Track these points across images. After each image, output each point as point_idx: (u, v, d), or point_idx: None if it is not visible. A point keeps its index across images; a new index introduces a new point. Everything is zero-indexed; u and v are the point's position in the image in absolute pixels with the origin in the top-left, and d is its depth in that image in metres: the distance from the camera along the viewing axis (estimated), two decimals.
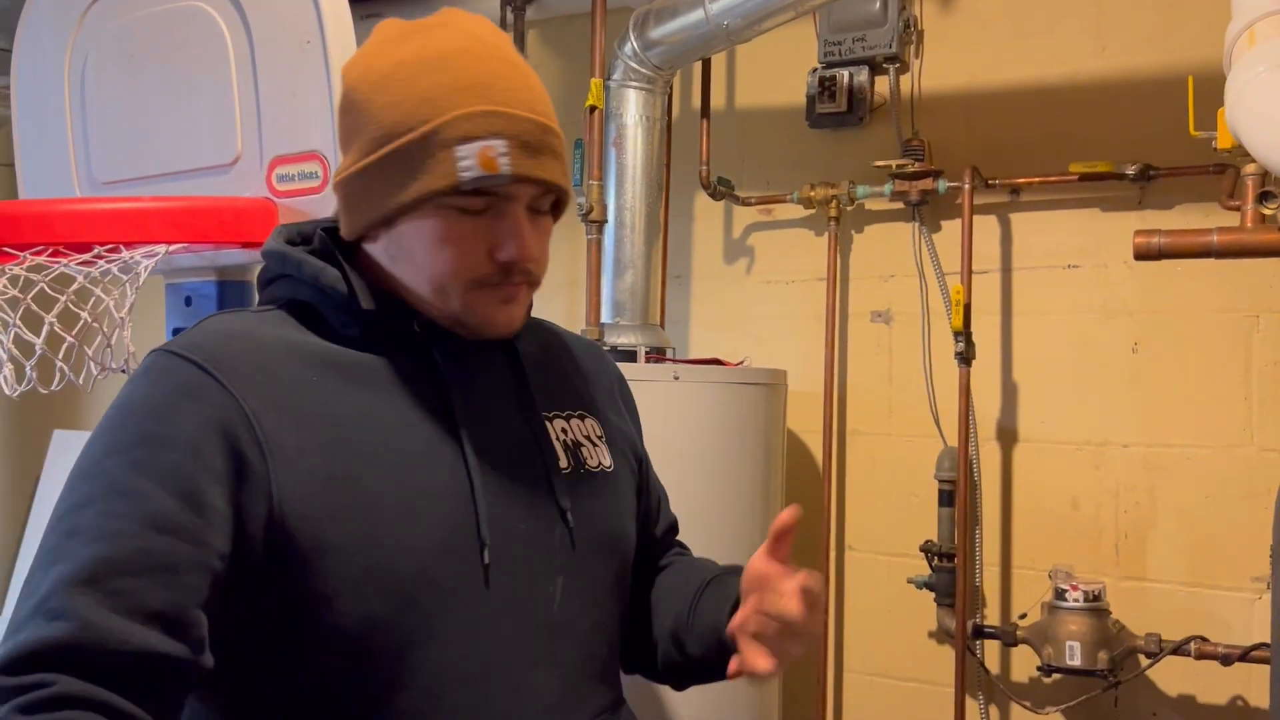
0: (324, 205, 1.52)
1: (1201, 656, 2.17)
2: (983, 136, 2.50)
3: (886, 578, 2.56)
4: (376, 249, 1.02)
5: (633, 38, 2.34)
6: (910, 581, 2.45)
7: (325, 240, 1.03)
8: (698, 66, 2.66)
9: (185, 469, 0.88)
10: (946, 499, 2.41)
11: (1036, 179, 2.39)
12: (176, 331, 1.81)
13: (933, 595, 2.43)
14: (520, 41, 2.93)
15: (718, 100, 2.77)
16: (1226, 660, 2.15)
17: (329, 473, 0.92)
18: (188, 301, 1.75)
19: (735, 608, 1.05)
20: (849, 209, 2.60)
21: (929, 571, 2.43)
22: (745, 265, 2.80)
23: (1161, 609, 2.30)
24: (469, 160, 0.95)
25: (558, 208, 1.05)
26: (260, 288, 1.07)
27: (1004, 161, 2.44)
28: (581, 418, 1.13)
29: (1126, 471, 2.36)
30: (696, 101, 2.72)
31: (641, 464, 1.21)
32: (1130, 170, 2.28)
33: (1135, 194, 2.35)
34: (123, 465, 0.88)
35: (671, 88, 2.55)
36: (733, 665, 1.01)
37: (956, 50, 2.54)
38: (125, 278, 1.59)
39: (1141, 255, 1.89)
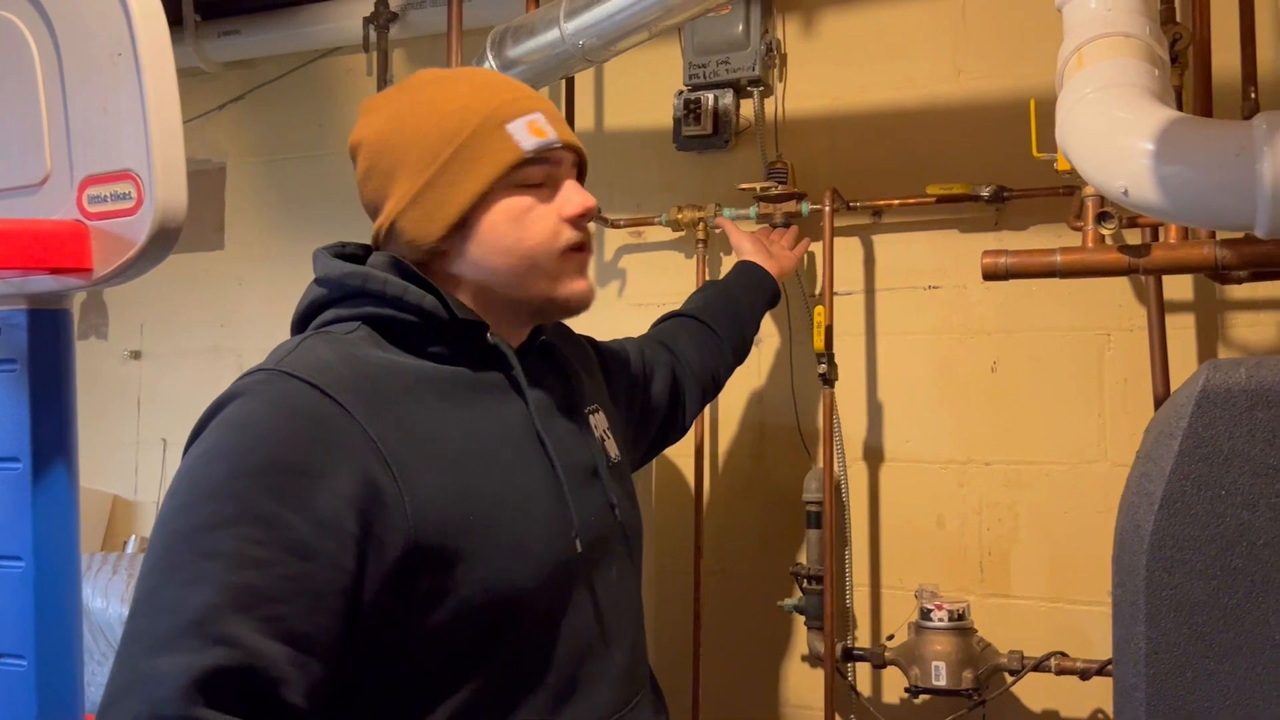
0: (137, 227, 1.43)
1: (1061, 672, 2.19)
2: (845, 159, 2.52)
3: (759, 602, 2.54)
4: (448, 263, 1.11)
5: (490, 56, 2.29)
6: (780, 605, 2.43)
7: (399, 261, 1.10)
8: (563, 86, 2.63)
9: (320, 496, 0.92)
10: (814, 521, 2.39)
11: (896, 201, 2.41)
12: None
13: (803, 619, 2.41)
14: (385, 60, 2.86)
15: (586, 121, 2.74)
16: (1085, 675, 2.17)
17: (453, 490, 1.00)
18: None
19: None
20: (717, 231, 2.59)
21: (799, 595, 2.41)
22: (617, 288, 2.77)
23: (1024, 625, 2.32)
24: (521, 133, 1.08)
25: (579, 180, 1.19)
26: (319, 308, 1.12)
27: (865, 184, 2.46)
28: (596, 412, 1.25)
29: (989, 489, 2.38)
30: None
31: (634, 402, 1.47)
32: (985, 192, 2.31)
33: (991, 215, 2.38)
34: (257, 490, 0.91)
35: None
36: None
37: (818, 74, 2.56)
38: None
39: (990, 275, 1.91)
